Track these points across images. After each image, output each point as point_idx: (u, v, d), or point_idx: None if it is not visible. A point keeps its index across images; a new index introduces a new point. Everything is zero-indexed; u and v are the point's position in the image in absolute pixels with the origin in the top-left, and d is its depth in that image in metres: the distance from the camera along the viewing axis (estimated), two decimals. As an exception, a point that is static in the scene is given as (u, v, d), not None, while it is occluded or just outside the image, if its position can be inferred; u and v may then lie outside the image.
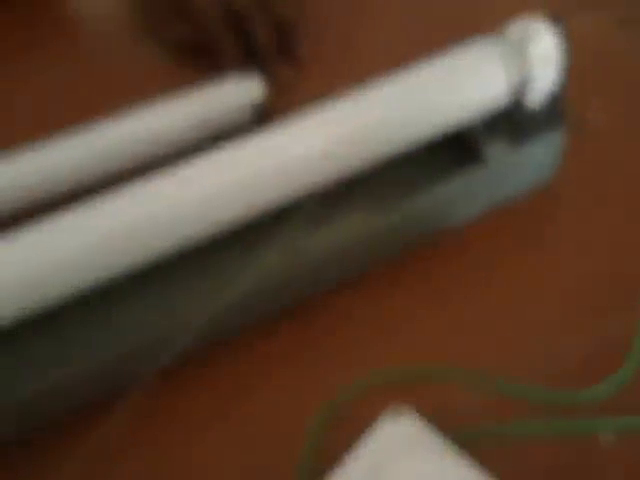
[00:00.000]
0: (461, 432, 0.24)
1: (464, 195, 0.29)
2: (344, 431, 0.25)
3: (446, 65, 0.28)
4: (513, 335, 0.27)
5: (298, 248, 0.28)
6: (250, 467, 0.25)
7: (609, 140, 0.33)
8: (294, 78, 0.39)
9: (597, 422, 0.24)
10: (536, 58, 0.27)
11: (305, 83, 0.39)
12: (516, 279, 0.29)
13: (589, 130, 0.33)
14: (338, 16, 0.42)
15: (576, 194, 0.32)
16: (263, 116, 0.35)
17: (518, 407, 0.25)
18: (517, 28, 0.27)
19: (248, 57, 0.39)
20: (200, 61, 0.40)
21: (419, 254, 0.30)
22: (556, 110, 0.29)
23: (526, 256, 0.30)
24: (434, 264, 0.30)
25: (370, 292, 0.29)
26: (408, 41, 0.40)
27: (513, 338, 0.27)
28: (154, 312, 0.27)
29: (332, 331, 0.28)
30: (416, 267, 0.29)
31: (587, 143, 0.33)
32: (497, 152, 0.28)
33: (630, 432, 0.24)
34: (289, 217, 0.29)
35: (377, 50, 0.39)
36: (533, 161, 0.30)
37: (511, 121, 0.29)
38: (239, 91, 0.35)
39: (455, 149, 0.30)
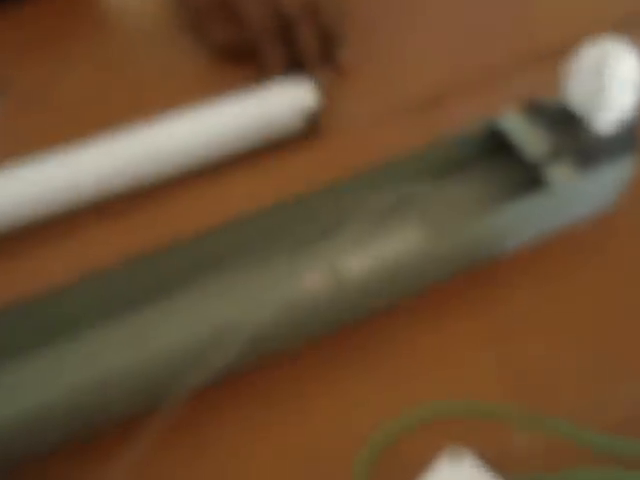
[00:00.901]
0: (520, 477, 0.23)
1: (526, 219, 0.27)
2: (395, 467, 0.24)
3: None
4: (573, 377, 0.26)
5: (344, 268, 0.27)
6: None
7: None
8: (336, 84, 0.38)
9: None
10: (613, 82, 0.25)
11: (348, 89, 0.38)
12: (574, 312, 0.28)
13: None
14: (382, 23, 0.41)
15: (636, 222, 0.30)
16: (312, 121, 0.35)
17: (577, 452, 0.24)
18: (593, 49, 0.26)
19: (291, 62, 0.38)
20: (243, 63, 0.40)
21: (475, 280, 0.29)
22: (629, 136, 0.27)
23: (587, 280, 0.29)
24: (489, 291, 0.28)
25: (426, 321, 0.28)
26: (454, 47, 0.39)
27: (573, 380, 0.26)
28: (194, 326, 0.26)
29: (385, 361, 0.27)
30: (472, 294, 0.28)
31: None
32: (563, 177, 0.27)
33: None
34: (337, 237, 0.28)
35: (422, 56, 0.39)
36: (599, 187, 0.28)
37: (579, 146, 0.28)
38: (293, 96, 0.34)
39: (520, 172, 0.29)
